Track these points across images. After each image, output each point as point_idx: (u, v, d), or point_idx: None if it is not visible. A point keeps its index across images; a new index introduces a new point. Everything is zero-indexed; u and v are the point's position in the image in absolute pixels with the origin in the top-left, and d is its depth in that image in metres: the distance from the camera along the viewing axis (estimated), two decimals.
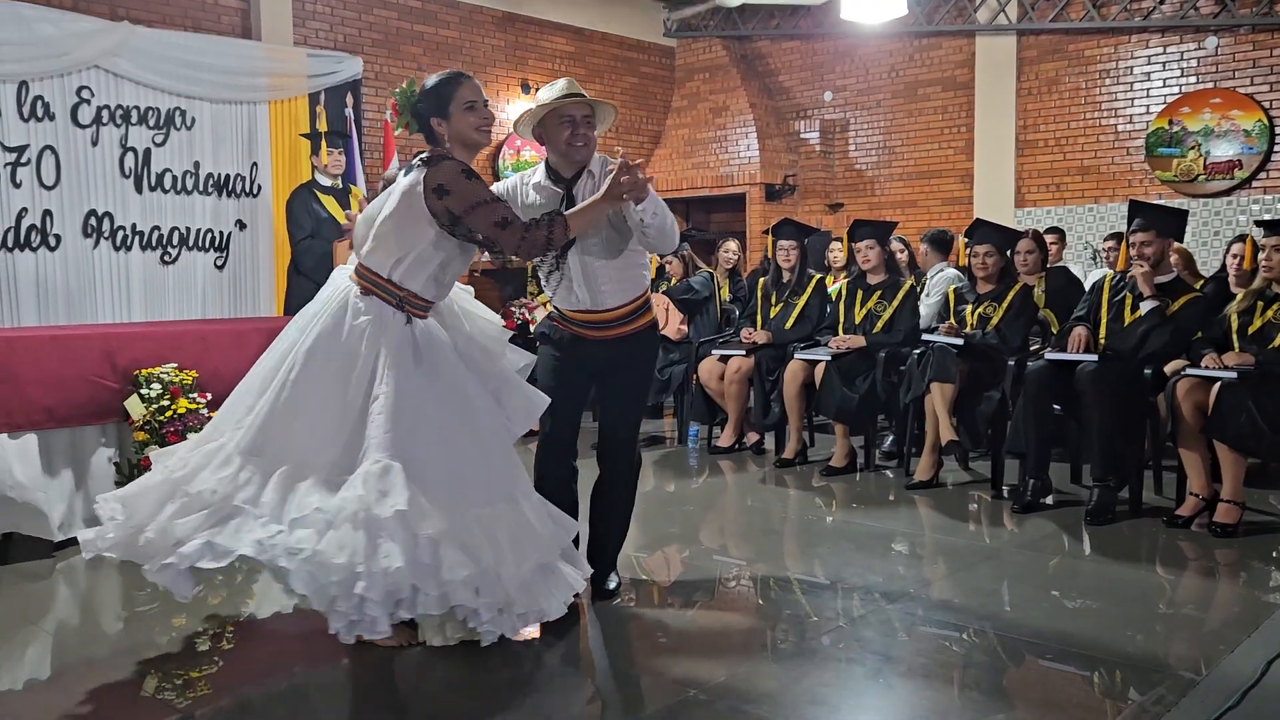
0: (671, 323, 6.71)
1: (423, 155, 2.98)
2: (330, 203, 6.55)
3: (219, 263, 7.14)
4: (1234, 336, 4.56)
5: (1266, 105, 7.84)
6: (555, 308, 3.54)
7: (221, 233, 7.15)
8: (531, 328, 7.24)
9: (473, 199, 2.89)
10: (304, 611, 3.66)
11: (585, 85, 3.51)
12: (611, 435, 3.58)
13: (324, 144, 6.52)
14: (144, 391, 4.34)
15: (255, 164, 7.32)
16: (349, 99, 7.82)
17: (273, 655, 3.25)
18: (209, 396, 4.47)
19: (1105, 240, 7.37)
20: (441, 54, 9.08)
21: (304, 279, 6.58)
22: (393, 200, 2.95)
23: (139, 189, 6.66)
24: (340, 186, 6.65)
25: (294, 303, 6.66)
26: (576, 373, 3.47)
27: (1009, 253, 5.57)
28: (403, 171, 3.04)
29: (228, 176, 7.17)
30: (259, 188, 7.32)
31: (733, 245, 7.12)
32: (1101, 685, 2.89)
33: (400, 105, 3.07)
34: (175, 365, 4.47)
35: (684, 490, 5.54)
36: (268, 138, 7.42)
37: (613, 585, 3.65)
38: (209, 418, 4.36)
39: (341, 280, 3.12)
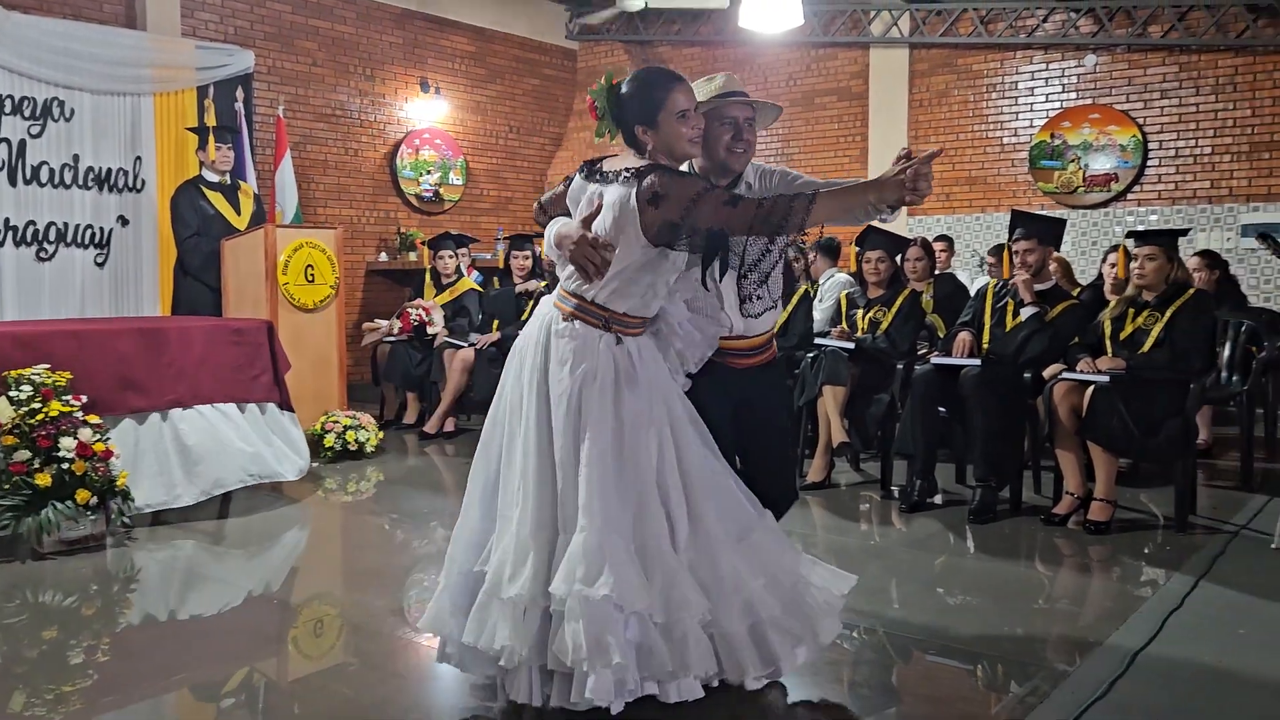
0: None
1: (628, 169, 2.61)
2: (218, 199, 6.35)
3: (99, 260, 6.88)
4: (1107, 342, 4.76)
5: (1140, 122, 8.22)
6: None
7: (102, 229, 6.88)
8: (429, 329, 7.14)
9: (688, 194, 2.54)
10: (180, 621, 3.55)
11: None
12: (772, 471, 3.06)
13: (212, 139, 6.32)
14: (13, 394, 4.15)
15: (139, 158, 7.08)
16: (239, 93, 7.63)
17: (153, 670, 3.14)
18: (84, 399, 4.29)
19: (989, 254, 7.62)
20: (338, 49, 8.91)
21: (191, 279, 6.37)
22: (604, 218, 2.61)
23: (13, 182, 6.37)
24: (229, 183, 6.46)
25: (181, 303, 6.45)
26: (722, 404, 2.92)
27: (899, 259, 5.73)
28: (591, 181, 2.71)
29: (109, 170, 6.92)
30: (143, 183, 7.08)
31: None
32: (984, 678, 2.99)
33: (600, 109, 2.69)
34: (48, 366, 4.28)
35: None
36: (153, 131, 7.19)
37: None
38: (85, 421, 4.21)
39: (545, 309, 2.76)
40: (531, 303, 6.98)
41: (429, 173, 9.62)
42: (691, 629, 2.53)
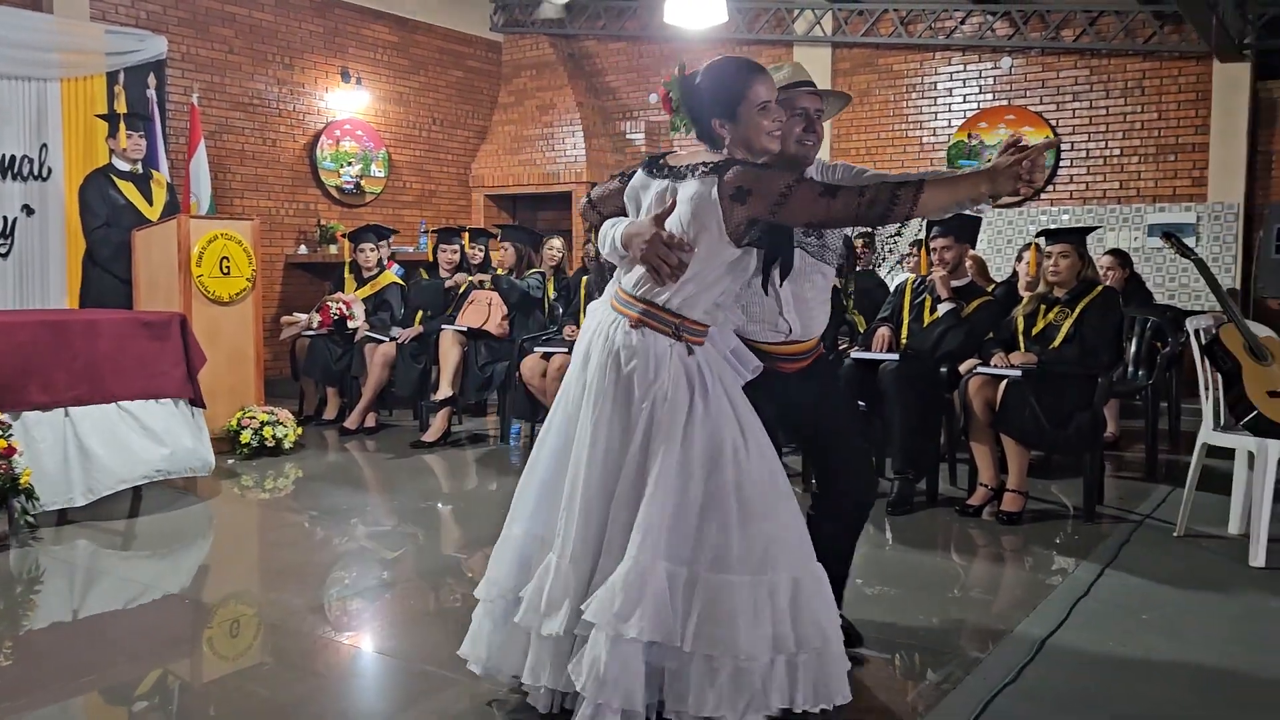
0: (494, 318, 6.65)
1: (704, 163, 2.44)
2: (129, 189, 6.16)
3: (2, 251, 6.63)
4: (1020, 337, 4.89)
5: (1053, 123, 8.45)
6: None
7: (5, 218, 6.65)
8: (350, 324, 7.03)
9: (778, 186, 2.35)
10: (87, 622, 3.44)
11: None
12: (851, 465, 2.91)
13: (123, 126, 6.13)
14: None
15: (45, 145, 6.84)
16: (151, 80, 7.42)
17: (60, 672, 3.04)
18: None
19: (909, 247, 7.76)
20: (255, 37, 8.71)
21: (101, 270, 6.17)
22: (680, 215, 2.41)
23: None
24: (141, 172, 6.27)
25: (90, 295, 6.24)
26: (767, 409, 2.74)
27: None
28: (656, 177, 2.53)
29: (13, 158, 6.68)
30: (49, 171, 6.84)
31: (557, 243, 7.12)
32: (901, 667, 3.05)
33: (675, 102, 2.52)
34: None
35: (506, 488, 5.49)
36: (60, 118, 6.96)
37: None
38: None
39: (603, 314, 2.55)
40: (459, 297, 6.91)
41: (350, 164, 9.47)
42: (724, 665, 2.36)
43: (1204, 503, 4.54)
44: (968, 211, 2.54)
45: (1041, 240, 5.04)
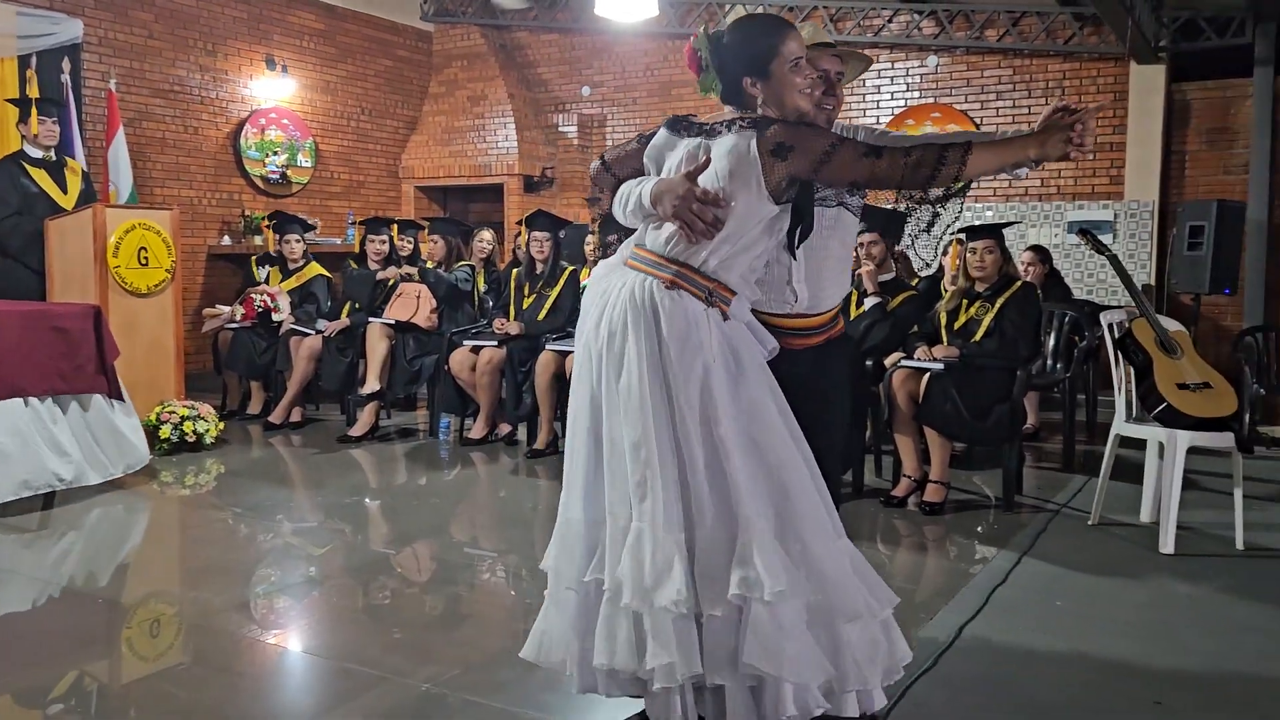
0: (422, 311, 6.58)
1: (741, 117, 2.31)
2: (42, 176, 5.96)
3: None
4: (943, 331, 4.99)
5: (979, 121, 8.62)
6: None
7: None
8: (274, 317, 6.90)
9: (822, 145, 2.24)
10: (20, 614, 3.35)
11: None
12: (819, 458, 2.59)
13: (35, 112, 5.93)
14: None
15: None
16: (66, 64, 7.19)
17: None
18: None
19: None
20: (176, 22, 8.49)
21: (11, 261, 5.96)
22: (715, 171, 2.27)
23: None
24: (54, 159, 6.07)
25: (1, 288, 6.02)
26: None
27: None
28: (683, 136, 2.39)
29: None
30: None
31: (487, 235, 7.07)
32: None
33: (704, 60, 2.37)
34: None
35: (435, 483, 5.46)
36: None
37: None
38: None
39: (620, 278, 2.37)
40: (388, 290, 6.81)
41: (275, 154, 9.28)
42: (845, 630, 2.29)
43: (1117, 492, 4.69)
44: (1021, 171, 2.44)
45: (964, 236, 5.14)
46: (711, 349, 2.26)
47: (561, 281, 6.25)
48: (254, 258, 7.65)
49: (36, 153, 6.00)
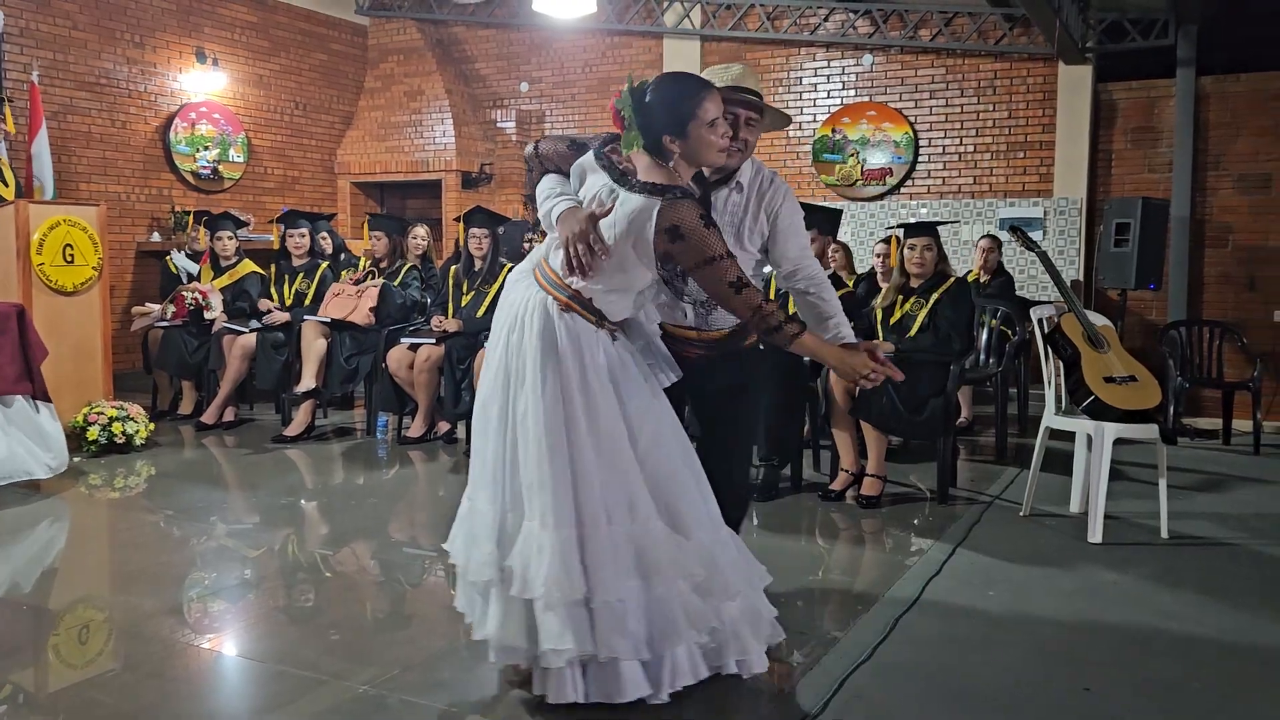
0: (360, 309, 6.50)
1: (652, 182, 2.49)
2: None
3: None
4: (879, 327, 5.06)
5: (912, 120, 8.75)
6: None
7: None
8: (206, 314, 6.76)
9: (706, 253, 2.46)
10: None
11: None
12: (722, 470, 2.89)
13: None
14: None
15: None
16: None
17: None
18: None
19: None
20: (101, 13, 8.27)
21: None
22: (614, 223, 2.48)
23: None
24: None
25: None
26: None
27: None
28: (607, 172, 2.57)
29: None
30: None
31: (421, 231, 6.97)
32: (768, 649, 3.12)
33: (627, 119, 2.55)
34: None
35: (373, 482, 5.40)
36: None
37: None
38: None
39: (529, 289, 2.64)
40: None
41: (207, 149, 9.09)
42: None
43: (1048, 483, 4.80)
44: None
45: (900, 233, 5.22)
46: (599, 363, 2.56)
47: (500, 278, 6.21)
48: (168, 255, 7.50)
49: None
